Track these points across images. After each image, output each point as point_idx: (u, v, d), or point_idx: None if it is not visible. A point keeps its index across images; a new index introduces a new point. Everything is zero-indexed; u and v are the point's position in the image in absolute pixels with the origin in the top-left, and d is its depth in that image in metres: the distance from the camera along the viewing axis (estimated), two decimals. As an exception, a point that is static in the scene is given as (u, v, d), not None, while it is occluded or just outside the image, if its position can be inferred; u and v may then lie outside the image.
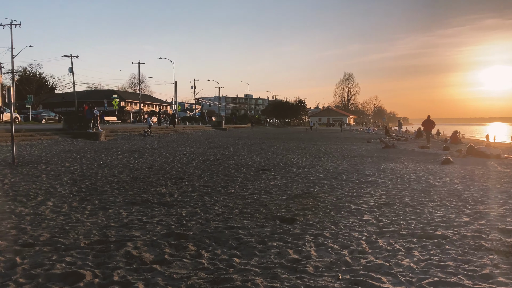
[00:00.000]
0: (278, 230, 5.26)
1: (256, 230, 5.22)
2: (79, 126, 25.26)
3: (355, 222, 5.74)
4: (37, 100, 65.94)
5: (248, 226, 5.43)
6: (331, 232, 5.18)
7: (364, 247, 4.60)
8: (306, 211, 6.37)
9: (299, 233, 5.11)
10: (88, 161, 13.22)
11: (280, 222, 5.68)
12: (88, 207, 6.47)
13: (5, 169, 10.64)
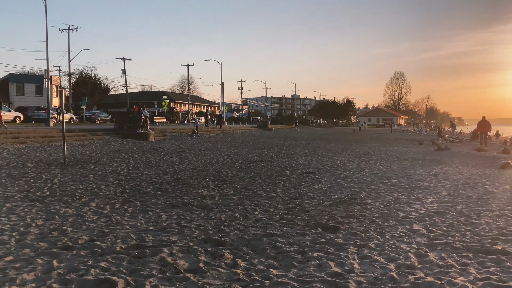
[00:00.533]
0: (319, 239, 4.98)
1: (296, 239, 4.98)
2: (129, 126, 25.99)
3: (403, 232, 5.35)
4: (92, 101, 68.92)
5: (288, 233, 5.19)
6: (376, 243, 4.84)
7: (412, 261, 4.24)
8: (351, 218, 6.04)
9: (342, 243, 4.81)
10: (135, 161, 13.48)
11: (322, 230, 5.40)
12: (129, 209, 6.49)
13: (56, 169, 11.02)
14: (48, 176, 9.65)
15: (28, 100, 55.58)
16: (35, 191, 7.82)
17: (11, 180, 8.99)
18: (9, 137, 18.32)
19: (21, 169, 10.67)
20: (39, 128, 24.56)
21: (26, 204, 6.66)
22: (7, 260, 3.99)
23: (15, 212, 6.03)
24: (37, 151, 15.54)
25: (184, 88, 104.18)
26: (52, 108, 35.64)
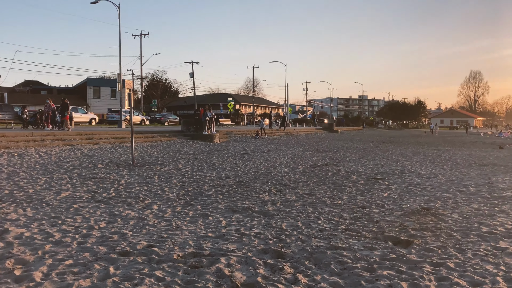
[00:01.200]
0: (390, 254, 4.52)
1: (364, 253, 4.56)
2: (196, 128, 26.54)
3: (488, 250, 4.73)
4: (162, 103, 71.71)
5: (355, 247, 4.78)
6: (456, 262, 4.28)
7: (501, 286, 3.67)
8: (425, 231, 5.48)
9: (416, 261, 4.32)
10: (199, 163, 13.58)
11: (393, 245, 4.92)
12: (190, 213, 6.40)
13: (124, 170, 11.34)
14: (115, 177, 9.93)
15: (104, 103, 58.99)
16: (102, 192, 8.02)
17: (82, 180, 9.33)
18: (83, 138, 19.36)
19: (91, 170, 11.10)
20: (112, 130, 25.79)
21: (92, 205, 6.81)
22: (66, 264, 3.98)
23: (80, 213, 6.16)
24: (108, 151, 16.22)
25: (249, 90, 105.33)
26: (124, 111, 37.43)
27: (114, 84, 58.99)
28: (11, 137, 16.85)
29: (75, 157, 13.79)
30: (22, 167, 10.95)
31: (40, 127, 23.29)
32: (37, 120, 23.86)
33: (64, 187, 8.37)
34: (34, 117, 24.20)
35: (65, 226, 5.39)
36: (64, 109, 23.33)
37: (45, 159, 13.01)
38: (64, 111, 23.25)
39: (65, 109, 23.31)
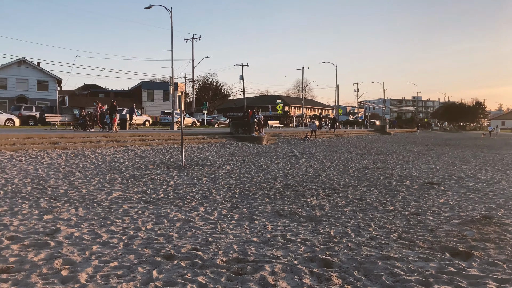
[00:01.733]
0: (447, 267, 4.18)
1: (418, 265, 4.25)
2: (244, 130, 26.64)
3: (560, 266, 4.26)
4: (212, 106, 72.87)
5: (408, 257, 4.47)
6: (524, 279, 3.88)
7: None
8: (487, 243, 5.05)
9: (478, 276, 3.96)
10: (247, 164, 13.55)
11: (451, 256, 4.56)
12: (236, 216, 6.32)
13: (174, 171, 11.50)
14: (165, 178, 10.07)
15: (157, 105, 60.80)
16: (151, 192, 8.13)
17: (133, 181, 9.54)
18: (137, 140, 19.95)
19: (143, 170, 11.35)
20: (164, 131, 26.44)
21: (141, 206, 6.90)
22: (111, 266, 4.00)
23: (129, 214, 6.24)
24: (160, 153, 16.58)
25: (298, 92, 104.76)
26: (176, 113, 38.32)
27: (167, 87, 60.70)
28: (69, 138, 17.67)
29: (128, 158, 14.19)
30: (78, 167, 11.39)
31: (87, 129, 24.19)
32: (85, 122, 24.78)
33: (115, 188, 8.58)
34: (83, 119, 25.17)
35: (113, 227, 5.47)
36: (112, 111, 24.13)
37: (100, 159, 13.48)
38: (113, 113, 24.03)
39: (113, 111, 24.09)
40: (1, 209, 6.26)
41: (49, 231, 5.14)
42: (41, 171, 10.49)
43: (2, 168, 10.60)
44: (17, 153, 13.48)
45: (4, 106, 48.04)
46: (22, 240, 4.72)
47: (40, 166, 11.35)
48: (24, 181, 8.87)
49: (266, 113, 60.29)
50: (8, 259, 4.07)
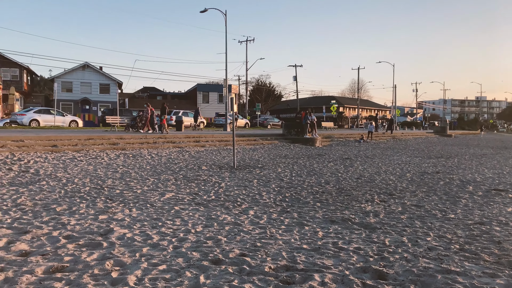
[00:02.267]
0: (517, 285, 3.81)
1: (483, 281, 3.90)
2: (297, 131, 26.40)
3: None
4: (265, 107, 73.11)
5: (472, 272, 4.12)
6: None
7: None
8: None
9: (552, 296, 3.56)
10: (299, 167, 13.36)
11: (521, 273, 4.15)
12: (286, 221, 6.18)
13: (226, 172, 11.56)
14: (217, 180, 10.13)
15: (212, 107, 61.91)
16: (203, 194, 8.19)
17: (185, 182, 9.68)
18: (191, 141, 20.34)
19: (196, 172, 11.50)
20: (217, 133, 26.81)
21: (192, 208, 6.95)
22: (160, 269, 4.01)
23: (180, 216, 6.30)
24: (213, 154, 16.79)
25: (353, 92, 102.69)
26: (230, 114, 38.80)
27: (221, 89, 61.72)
28: (127, 140, 18.34)
29: (183, 159, 14.48)
30: (134, 168, 11.75)
31: (138, 130, 24.85)
32: (136, 123, 25.46)
33: (169, 188, 8.73)
34: (134, 121, 25.89)
35: (164, 229, 5.52)
36: (162, 113, 24.78)
37: (156, 160, 13.85)
38: (163, 115, 24.66)
39: (163, 113, 24.75)
40: (60, 208, 6.53)
41: (103, 231, 5.27)
42: (100, 171, 10.91)
43: (64, 168, 11.15)
44: (79, 153, 14.15)
45: (70, 108, 50.97)
46: (78, 239, 4.88)
47: (99, 166, 11.83)
48: (84, 181, 9.25)
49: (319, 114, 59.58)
50: (63, 258, 4.19)
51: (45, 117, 31.25)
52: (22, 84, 52.33)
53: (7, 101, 47.54)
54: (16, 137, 15.20)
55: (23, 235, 4.99)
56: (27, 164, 11.32)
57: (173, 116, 40.43)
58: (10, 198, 7.18)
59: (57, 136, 16.84)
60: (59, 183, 8.84)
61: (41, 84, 76.71)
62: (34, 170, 10.48)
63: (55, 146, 14.96)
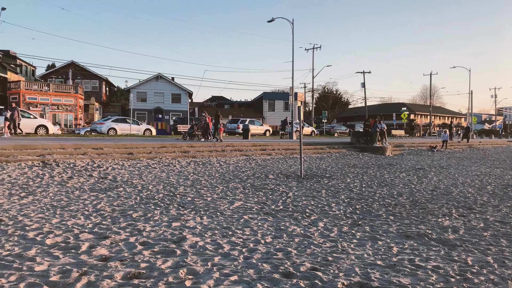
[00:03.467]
0: None
1: None
2: (366, 140, 25.70)
3: None
4: (332, 114, 72.11)
5: None
6: None
7: None
8: None
9: None
10: (369, 177, 12.96)
11: None
12: (357, 235, 5.98)
13: (293, 182, 11.49)
14: (284, 189, 10.09)
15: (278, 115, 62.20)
16: (271, 204, 8.18)
17: (253, 190, 9.74)
18: (258, 149, 20.52)
19: (263, 180, 11.55)
20: (283, 141, 26.81)
21: (261, 217, 6.96)
22: (231, 279, 4.03)
23: (249, 225, 6.32)
24: (279, 162, 16.79)
25: (425, 99, 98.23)
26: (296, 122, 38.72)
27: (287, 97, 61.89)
28: (197, 148, 18.90)
29: (250, 167, 14.62)
30: (204, 176, 12.04)
31: (196, 139, 25.02)
32: (194, 132, 25.77)
33: (237, 197, 8.83)
34: (191, 129, 26.26)
35: (234, 238, 5.57)
36: (217, 121, 24.49)
37: (224, 168, 14.11)
38: (217, 123, 24.40)
39: (217, 121, 24.46)
40: (136, 214, 6.83)
41: (176, 238, 5.42)
42: (172, 178, 11.31)
43: (139, 174, 11.69)
44: (152, 161, 14.80)
45: (144, 117, 53.66)
46: (153, 246, 5.05)
47: (171, 173, 12.27)
48: (157, 188, 9.63)
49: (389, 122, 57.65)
50: (140, 264, 4.36)
51: (122, 126, 33.15)
52: (101, 95, 56.00)
53: (88, 111, 51.04)
54: (96, 145, 16.24)
55: (103, 240, 5.27)
56: (105, 171, 12.03)
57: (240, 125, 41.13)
58: (91, 203, 7.64)
59: (133, 144, 17.74)
60: (135, 190, 9.28)
61: (118, 94, 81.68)
62: (112, 176, 11.10)
63: (131, 153, 15.77)
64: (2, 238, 5.17)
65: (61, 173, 11.11)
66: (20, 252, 4.63)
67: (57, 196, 8.24)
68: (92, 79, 54.37)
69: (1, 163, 12.00)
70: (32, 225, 5.85)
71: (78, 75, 52.76)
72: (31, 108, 40.38)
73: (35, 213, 6.67)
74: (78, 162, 13.19)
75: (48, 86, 44.12)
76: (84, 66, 53.50)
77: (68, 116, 44.43)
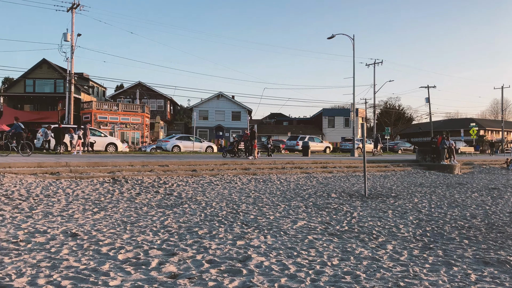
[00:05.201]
0: None
1: None
2: (433, 157, 24.58)
3: None
4: (395, 131, 69.90)
5: None
6: None
7: None
8: None
9: None
10: (438, 197, 12.32)
11: None
12: (429, 259, 5.66)
13: (357, 201, 11.18)
14: (348, 209, 9.84)
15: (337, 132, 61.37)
16: (335, 224, 7.99)
17: (316, 210, 9.58)
18: (319, 167, 20.27)
19: (325, 199, 11.34)
20: (345, 158, 26.29)
21: (326, 238, 6.80)
22: (299, 302, 3.94)
23: (314, 246, 6.20)
24: (341, 180, 16.45)
25: (496, 114, 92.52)
26: (357, 139, 37.91)
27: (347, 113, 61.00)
28: (257, 165, 19.01)
29: (311, 185, 14.45)
30: (265, 193, 12.06)
31: (236, 155, 24.60)
32: (233, 149, 25.18)
33: (300, 216, 8.73)
34: (231, 146, 25.74)
35: (299, 259, 5.47)
36: (252, 137, 23.53)
37: (285, 185, 14.05)
38: (252, 139, 23.46)
39: (253, 137, 23.50)
40: (202, 231, 6.94)
41: (241, 257, 5.42)
42: (234, 195, 11.43)
43: (203, 191, 11.94)
44: (215, 178, 15.07)
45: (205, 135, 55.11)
46: (219, 264, 5.08)
47: (233, 190, 12.41)
48: (220, 205, 9.76)
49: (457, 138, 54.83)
50: (208, 283, 4.39)
51: (185, 143, 34.25)
52: (166, 114, 58.32)
53: (153, 129, 53.30)
54: (161, 162, 16.86)
55: (171, 256, 5.39)
56: (171, 187, 12.41)
57: (300, 141, 40.98)
58: (158, 219, 7.88)
59: (196, 161, 18.22)
60: (199, 207, 9.46)
61: (181, 112, 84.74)
62: (177, 193, 11.42)
63: (194, 170, 16.19)
64: (79, 252, 5.46)
65: (130, 189, 11.61)
66: (95, 266, 4.85)
67: (127, 211, 8.59)
68: (157, 98, 56.91)
69: (76, 180, 12.78)
70: (105, 240, 6.12)
71: (144, 95, 55.46)
72: (102, 127, 42.90)
73: (107, 228, 6.99)
74: (145, 178, 13.74)
75: (117, 106, 46.74)
76: (151, 86, 56.22)
77: (135, 134, 46.66)
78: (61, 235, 6.38)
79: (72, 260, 5.06)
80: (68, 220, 7.55)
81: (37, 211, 8.28)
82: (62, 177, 12.89)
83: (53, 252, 5.40)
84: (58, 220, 7.46)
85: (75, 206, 8.92)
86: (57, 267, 4.74)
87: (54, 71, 48.26)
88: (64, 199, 9.71)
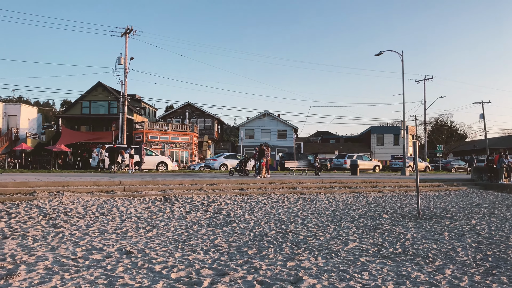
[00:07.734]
0: None
1: None
2: (490, 176, 23.36)
3: None
4: (447, 148, 67.21)
5: None
6: None
7: None
8: None
9: None
10: (497, 219, 11.64)
11: None
12: (493, 286, 5.32)
13: (410, 222, 10.77)
14: (401, 230, 9.49)
15: (387, 150, 59.84)
16: (388, 246, 7.72)
17: (367, 231, 9.32)
18: (368, 186, 19.78)
19: (376, 220, 11.02)
20: (395, 177, 25.52)
21: (379, 261, 6.58)
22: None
23: (367, 269, 6.01)
24: (392, 200, 15.94)
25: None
26: (408, 157, 36.75)
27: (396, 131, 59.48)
28: (305, 184, 18.84)
29: (361, 205, 14.10)
30: (314, 213, 11.89)
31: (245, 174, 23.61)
32: (241, 167, 24.16)
33: (351, 237, 8.51)
34: (239, 165, 24.41)
35: (352, 282, 5.32)
36: (261, 155, 22.73)
37: (334, 205, 13.80)
38: (261, 157, 22.58)
39: (262, 155, 22.66)
40: (251, 251, 6.93)
41: (293, 279, 5.35)
42: (282, 215, 11.36)
43: (251, 210, 11.96)
44: (262, 197, 15.07)
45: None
46: (270, 286, 5.04)
47: (281, 209, 12.34)
48: (269, 224, 9.72)
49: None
50: (260, 304, 4.35)
51: (232, 162, 34.66)
52: (213, 133, 59.40)
53: (201, 148, 54.36)
54: (210, 181, 17.10)
55: (222, 276, 5.40)
56: (219, 206, 12.53)
57: (348, 160, 40.29)
58: (209, 238, 7.96)
59: (243, 180, 18.34)
60: (248, 226, 9.47)
61: (227, 131, 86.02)
62: (226, 212, 11.51)
63: (242, 189, 16.28)
64: (133, 270, 5.60)
65: (180, 208, 11.84)
66: (149, 284, 4.95)
67: (178, 230, 8.75)
68: (205, 118, 58.18)
69: (129, 198, 13.21)
70: (158, 259, 6.25)
71: (193, 115, 56.89)
72: (153, 146, 44.31)
73: (159, 246, 7.14)
74: (195, 197, 13.97)
75: (167, 126, 48.21)
76: (199, 106, 57.64)
77: (184, 153, 47.81)
78: (116, 252, 6.58)
79: (127, 277, 5.19)
80: (122, 237, 7.79)
81: (93, 228, 8.61)
82: (116, 196, 13.37)
83: (109, 269, 5.58)
84: (113, 238, 7.72)
85: (128, 224, 9.20)
86: (114, 284, 4.89)
87: (108, 93, 50.70)
88: (118, 217, 10.04)
